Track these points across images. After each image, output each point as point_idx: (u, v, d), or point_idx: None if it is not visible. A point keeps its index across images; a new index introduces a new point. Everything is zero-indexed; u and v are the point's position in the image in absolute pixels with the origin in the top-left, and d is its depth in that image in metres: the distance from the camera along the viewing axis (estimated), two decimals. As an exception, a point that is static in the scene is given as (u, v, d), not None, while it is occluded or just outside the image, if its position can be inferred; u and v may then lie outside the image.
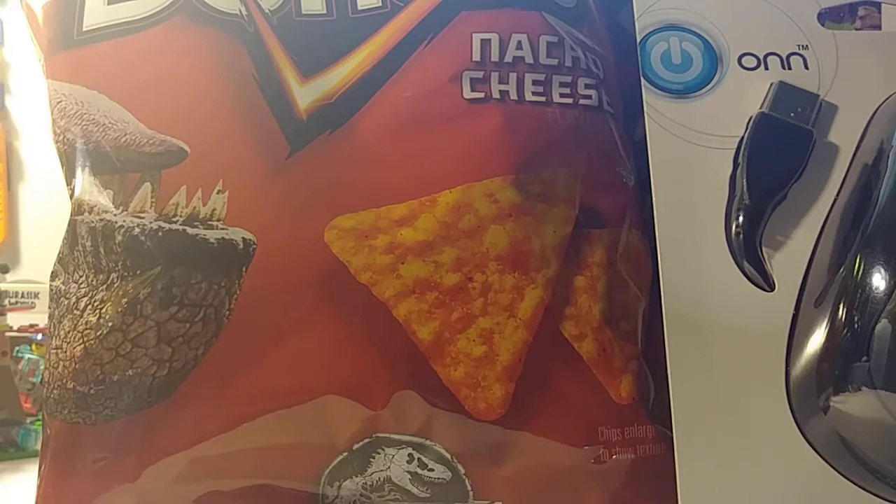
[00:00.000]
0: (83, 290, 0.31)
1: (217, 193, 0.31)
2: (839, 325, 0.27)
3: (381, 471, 0.31)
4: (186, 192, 0.31)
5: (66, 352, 0.31)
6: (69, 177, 0.33)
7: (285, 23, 0.33)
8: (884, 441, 0.27)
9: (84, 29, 0.33)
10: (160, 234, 0.31)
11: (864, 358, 0.27)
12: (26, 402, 0.61)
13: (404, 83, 0.33)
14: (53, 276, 0.33)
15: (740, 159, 0.30)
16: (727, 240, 0.29)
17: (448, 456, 0.31)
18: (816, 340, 0.28)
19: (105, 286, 0.31)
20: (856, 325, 0.27)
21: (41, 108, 0.34)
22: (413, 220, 0.31)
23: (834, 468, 0.27)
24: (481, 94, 0.32)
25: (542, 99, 0.33)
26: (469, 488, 0.31)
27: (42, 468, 0.32)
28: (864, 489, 0.27)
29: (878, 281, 0.27)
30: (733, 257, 0.29)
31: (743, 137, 0.30)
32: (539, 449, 0.31)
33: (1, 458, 0.56)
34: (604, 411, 0.32)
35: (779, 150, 0.30)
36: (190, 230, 0.31)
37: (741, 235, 0.29)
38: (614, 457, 0.31)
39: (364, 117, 0.32)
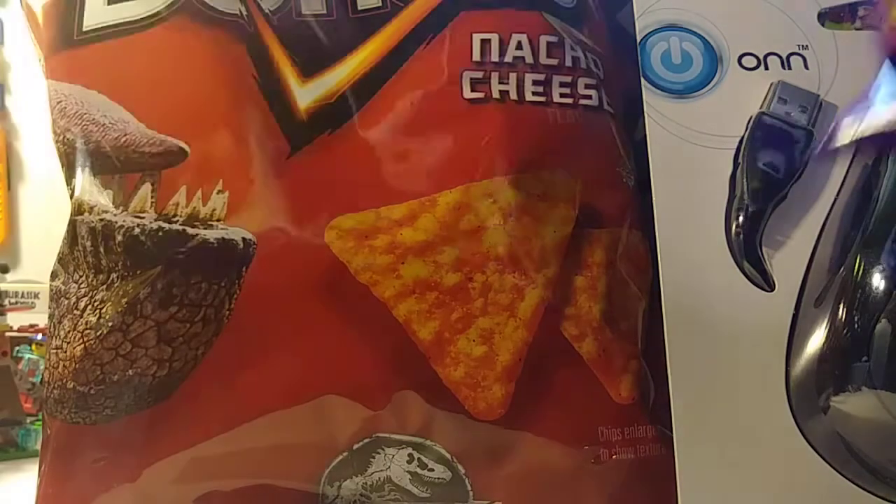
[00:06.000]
0: (83, 290, 0.31)
1: (217, 193, 0.31)
2: (839, 325, 0.27)
3: (381, 471, 0.31)
4: (186, 192, 0.31)
5: (66, 352, 0.31)
6: (69, 177, 0.33)
7: (285, 23, 0.33)
8: (884, 441, 0.27)
9: (84, 29, 0.33)
10: (160, 234, 0.31)
11: (864, 358, 0.27)
12: (26, 402, 0.61)
13: (404, 83, 0.33)
14: (53, 276, 0.33)
15: (740, 159, 0.30)
16: (727, 240, 0.29)
17: (448, 456, 0.31)
18: (816, 340, 0.28)
19: (105, 286, 0.31)
20: (856, 325, 0.27)
21: (41, 108, 0.34)
22: (413, 220, 0.31)
23: (834, 468, 0.27)
24: (481, 94, 0.32)
25: (542, 99, 0.33)
26: (469, 488, 0.31)
27: (42, 468, 0.32)
28: (864, 489, 0.27)
29: (878, 281, 0.27)
30: (733, 257, 0.29)
31: (743, 137, 0.30)
32: (539, 449, 0.31)
33: (1, 458, 0.56)
34: (604, 411, 0.31)
35: (779, 150, 0.30)
36: (190, 230, 0.31)
37: (741, 235, 0.29)
38: (614, 457, 0.31)
39: (364, 117, 0.32)
